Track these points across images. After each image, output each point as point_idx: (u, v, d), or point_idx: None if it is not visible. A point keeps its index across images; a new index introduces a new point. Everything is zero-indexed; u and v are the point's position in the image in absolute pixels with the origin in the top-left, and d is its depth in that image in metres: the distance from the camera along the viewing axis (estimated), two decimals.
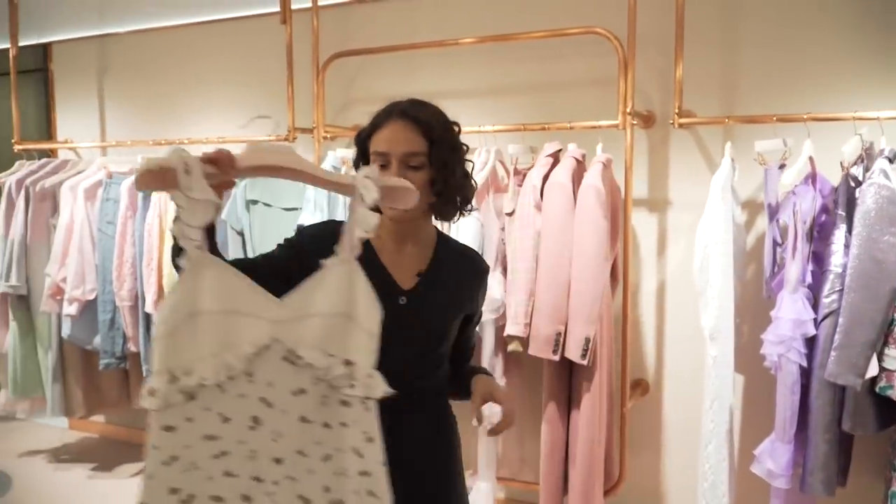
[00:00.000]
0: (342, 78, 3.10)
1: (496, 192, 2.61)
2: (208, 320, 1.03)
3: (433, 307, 1.40)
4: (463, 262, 1.49)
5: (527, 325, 2.38)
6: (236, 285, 1.07)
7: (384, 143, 1.31)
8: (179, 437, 1.04)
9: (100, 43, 3.80)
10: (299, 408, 1.09)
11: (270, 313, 1.07)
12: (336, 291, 1.10)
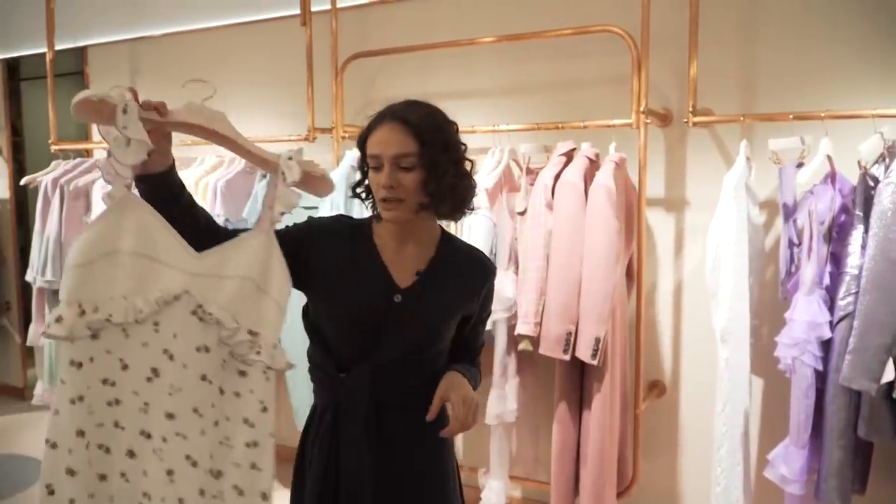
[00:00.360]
0: (362, 78, 3.13)
1: (510, 192, 2.61)
2: (124, 261, 1.05)
3: (428, 307, 1.41)
4: (466, 262, 1.49)
5: (537, 324, 2.38)
6: (158, 231, 1.09)
7: (376, 145, 1.33)
8: (84, 376, 1.05)
9: (132, 46, 3.90)
10: (201, 365, 1.09)
11: (186, 265, 1.09)
12: (253, 259, 1.13)
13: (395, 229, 1.41)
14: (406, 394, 1.40)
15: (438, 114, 1.39)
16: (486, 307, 1.54)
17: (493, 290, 1.54)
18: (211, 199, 3.06)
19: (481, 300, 1.50)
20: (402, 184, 1.31)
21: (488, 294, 1.53)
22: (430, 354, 1.44)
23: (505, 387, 2.56)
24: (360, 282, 1.40)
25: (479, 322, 1.54)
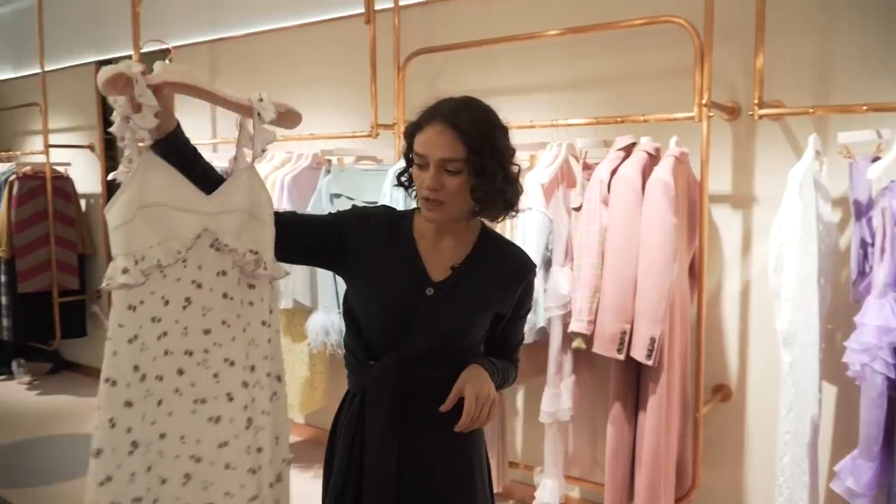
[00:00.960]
0: (425, 74, 3.16)
1: (569, 188, 2.57)
2: (155, 212, 1.20)
3: (459, 302, 1.41)
4: (503, 259, 1.48)
5: (591, 322, 2.33)
6: (175, 182, 1.22)
7: (424, 145, 1.33)
8: (137, 317, 1.19)
9: (211, 47, 4.07)
10: (222, 286, 1.29)
11: (201, 208, 1.25)
12: (247, 193, 1.30)
13: (434, 224, 1.42)
14: (432, 385, 1.40)
15: (490, 117, 1.36)
16: (525, 305, 1.53)
17: (532, 287, 1.52)
18: (278, 194, 3.15)
19: (517, 298, 1.48)
20: (446, 187, 1.32)
21: (526, 292, 1.51)
22: (459, 348, 1.43)
23: (560, 385, 2.53)
24: (394, 272, 1.42)
25: (515, 319, 1.52)
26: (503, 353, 1.53)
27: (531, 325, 2.46)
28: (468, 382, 1.36)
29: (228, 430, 1.27)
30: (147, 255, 1.18)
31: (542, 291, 2.48)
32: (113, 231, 1.17)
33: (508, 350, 1.55)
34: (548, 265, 2.53)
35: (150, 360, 1.20)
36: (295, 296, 3.19)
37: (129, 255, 1.16)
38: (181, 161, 1.25)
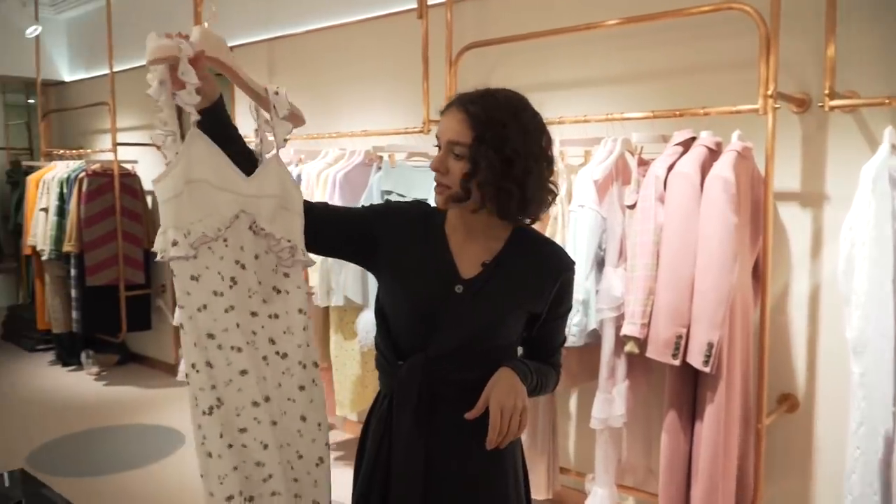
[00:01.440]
0: (479, 69, 3.09)
1: (624, 185, 2.47)
2: (200, 188, 1.20)
3: (489, 299, 1.35)
4: (538, 256, 1.41)
5: (644, 325, 2.23)
6: (217, 160, 1.23)
7: (438, 128, 1.34)
8: (201, 288, 1.21)
9: (268, 46, 4.11)
10: (258, 269, 1.29)
11: (240, 188, 1.25)
12: (277, 181, 1.30)
13: (465, 218, 1.37)
14: (462, 387, 1.34)
15: (512, 110, 1.30)
16: (562, 305, 1.45)
17: (570, 286, 1.45)
18: (330, 190, 3.15)
19: (553, 297, 1.40)
20: (449, 171, 1.30)
21: (563, 290, 1.43)
22: (490, 349, 1.37)
23: (612, 390, 2.43)
24: (424, 269, 1.37)
25: (553, 320, 1.44)
26: (542, 355, 1.46)
27: (582, 328, 2.37)
28: (494, 391, 1.28)
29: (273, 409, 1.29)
30: (192, 229, 1.19)
31: (594, 292, 2.39)
32: (163, 203, 1.20)
33: (548, 353, 1.47)
34: (600, 265, 2.44)
35: (222, 331, 1.22)
36: (346, 293, 3.18)
37: (178, 228, 1.18)
38: (224, 134, 1.26)
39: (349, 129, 3.40)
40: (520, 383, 1.31)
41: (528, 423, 2.77)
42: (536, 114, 1.33)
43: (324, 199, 3.14)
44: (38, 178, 5.07)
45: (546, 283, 1.40)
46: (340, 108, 3.79)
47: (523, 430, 1.31)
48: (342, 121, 3.73)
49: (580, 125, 2.63)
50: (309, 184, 3.27)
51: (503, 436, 1.26)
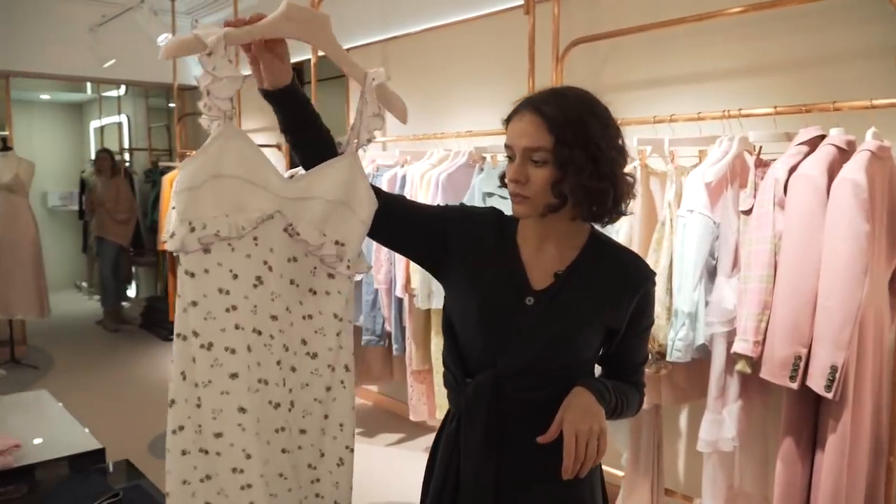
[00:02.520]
0: (589, 65, 2.96)
1: (742, 187, 2.26)
2: (227, 183, 1.16)
3: (561, 313, 1.26)
4: (614, 266, 1.31)
5: (757, 343, 2.03)
6: (254, 158, 1.19)
7: (510, 136, 1.24)
8: (198, 285, 1.17)
9: (383, 47, 4.16)
10: (291, 272, 1.24)
11: (278, 189, 1.20)
12: (342, 182, 1.23)
13: (537, 226, 1.29)
14: (534, 407, 1.25)
15: (586, 106, 1.23)
16: (643, 319, 1.33)
17: (651, 298, 1.33)
18: (433, 192, 3.13)
19: (633, 310, 1.29)
20: (530, 179, 1.20)
21: (644, 303, 1.31)
22: (564, 366, 1.27)
23: (722, 411, 2.24)
24: (494, 279, 1.29)
25: (632, 336, 1.32)
26: (623, 375, 1.35)
27: (688, 342, 2.20)
28: (568, 413, 1.19)
29: (286, 416, 1.25)
30: (209, 223, 1.14)
31: (704, 304, 2.21)
32: (176, 193, 1.16)
33: (629, 371, 1.36)
34: (711, 275, 2.25)
35: (217, 331, 1.17)
36: None
37: (183, 222, 1.15)
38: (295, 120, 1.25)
39: (455, 129, 3.35)
40: (596, 404, 1.21)
41: (631, 440, 2.62)
42: (607, 107, 1.24)
43: (427, 201, 3.13)
44: (172, 178, 5.41)
45: (624, 294, 1.29)
46: (447, 108, 3.76)
47: (602, 455, 1.20)
48: (448, 121, 3.69)
49: (694, 123, 2.45)
50: (413, 185, 3.27)
51: (580, 462, 1.16)
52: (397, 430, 3.98)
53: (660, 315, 2.26)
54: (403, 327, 3.42)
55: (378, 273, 3.43)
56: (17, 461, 2.21)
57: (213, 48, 1.12)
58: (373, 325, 3.59)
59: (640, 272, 1.31)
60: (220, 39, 1.12)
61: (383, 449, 3.79)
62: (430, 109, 3.86)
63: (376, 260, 3.42)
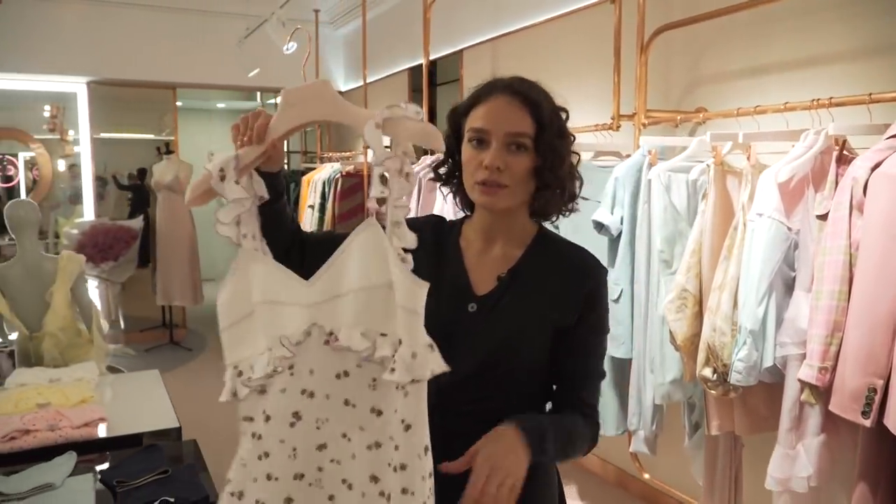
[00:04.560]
0: (676, 56, 2.72)
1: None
2: (259, 313, 1.04)
3: (505, 317, 1.17)
4: (561, 264, 1.21)
5: (825, 370, 1.74)
6: (274, 274, 1.05)
7: (484, 119, 1.15)
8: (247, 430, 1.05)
9: (493, 45, 4.10)
10: (344, 391, 1.01)
11: (304, 298, 1.02)
12: (364, 264, 0.99)
13: (483, 226, 1.22)
14: (480, 421, 1.13)
15: (550, 94, 1.20)
16: (593, 321, 1.20)
17: (600, 299, 1.20)
18: None
19: (581, 309, 1.17)
20: (510, 167, 1.13)
21: (592, 302, 1.19)
22: (510, 372, 1.17)
23: (796, 445, 1.94)
24: (437, 289, 1.20)
25: (581, 345, 1.19)
26: (571, 387, 1.21)
27: (749, 363, 1.94)
28: (487, 447, 1.05)
29: None
30: (255, 365, 1.03)
31: (772, 321, 1.94)
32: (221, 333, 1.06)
33: (577, 383, 1.21)
34: (790, 289, 1.97)
35: (250, 481, 1.04)
36: None
37: (229, 367, 1.05)
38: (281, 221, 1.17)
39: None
40: (522, 449, 1.07)
41: (706, 470, 2.36)
42: None
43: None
44: (310, 179, 5.72)
45: (570, 290, 1.18)
46: None
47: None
48: None
49: (781, 115, 2.15)
50: None
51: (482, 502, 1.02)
52: None
53: (724, 330, 2.01)
54: None
55: None
56: (100, 433, 2.45)
57: (225, 171, 1.05)
58: None
59: (588, 267, 1.21)
60: (230, 161, 1.05)
61: None
62: None
63: None
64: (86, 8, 5.51)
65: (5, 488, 2.02)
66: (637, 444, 2.54)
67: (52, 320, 3.23)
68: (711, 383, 2.06)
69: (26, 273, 3.24)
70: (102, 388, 2.91)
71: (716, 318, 2.04)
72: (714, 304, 2.06)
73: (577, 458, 1.21)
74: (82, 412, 2.51)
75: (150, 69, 5.77)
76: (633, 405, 2.52)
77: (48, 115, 6.40)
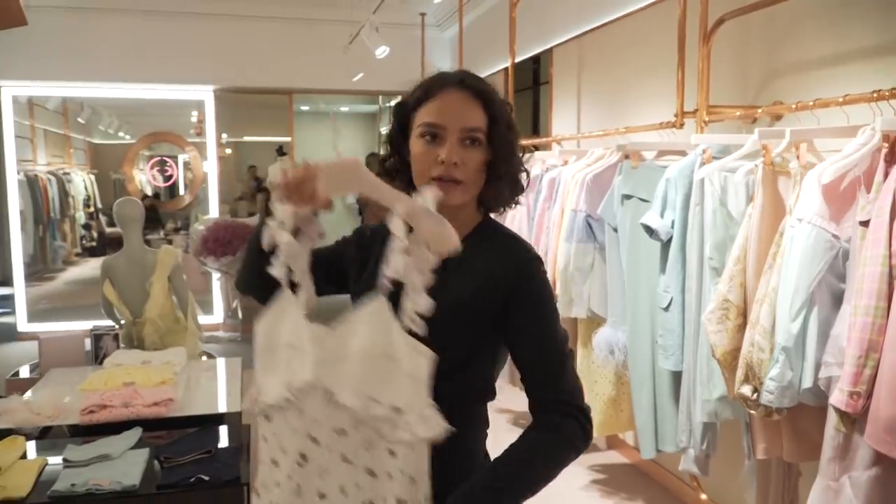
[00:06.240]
0: (764, 43, 2.51)
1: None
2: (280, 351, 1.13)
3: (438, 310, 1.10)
4: (493, 252, 1.18)
5: (857, 395, 1.54)
6: (300, 325, 1.11)
7: (438, 113, 1.15)
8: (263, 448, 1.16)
9: (578, 42, 3.99)
10: (341, 447, 1.06)
11: (315, 351, 1.07)
12: (369, 330, 1.04)
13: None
14: None
15: (494, 86, 1.22)
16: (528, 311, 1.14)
17: (536, 291, 1.15)
18: (577, 193, 2.93)
19: (508, 300, 1.14)
20: (465, 162, 1.14)
21: (529, 293, 1.14)
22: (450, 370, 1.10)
23: (840, 478, 1.74)
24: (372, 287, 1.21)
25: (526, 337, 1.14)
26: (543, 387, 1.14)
27: (783, 383, 1.76)
28: None
29: None
30: (266, 392, 1.11)
31: (810, 337, 1.75)
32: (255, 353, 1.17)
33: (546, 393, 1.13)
34: (837, 303, 1.77)
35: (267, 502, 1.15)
36: (591, 305, 2.94)
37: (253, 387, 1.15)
38: None
39: (612, 125, 3.10)
40: None
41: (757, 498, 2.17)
42: None
43: (572, 204, 2.95)
44: None
45: (496, 277, 1.15)
46: (625, 102, 3.48)
47: None
48: (631, 115, 3.41)
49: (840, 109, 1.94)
50: (566, 188, 3.10)
51: None
52: None
53: (762, 346, 1.84)
54: None
55: None
56: (168, 413, 2.65)
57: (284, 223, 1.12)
58: None
59: (515, 256, 1.18)
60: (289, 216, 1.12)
61: None
62: (616, 103, 3.61)
63: None
64: (211, 21, 5.96)
65: (71, 456, 2.24)
66: (687, 462, 2.38)
67: (151, 307, 3.54)
68: (751, 403, 1.90)
69: (130, 264, 3.57)
70: (185, 372, 3.15)
71: (754, 333, 1.87)
72: (755, 318, 1.89)
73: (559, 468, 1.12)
74: (156, 392, 2.73)
75: (268, 76, 6.15)
76: (682, 421, 2.36)
77: (195, 120, 6.99)
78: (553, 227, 3.15)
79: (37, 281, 6.76)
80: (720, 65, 2.62)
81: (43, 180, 6.83)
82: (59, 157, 7.21)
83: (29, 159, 6.68)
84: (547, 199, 3.27)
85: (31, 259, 6.66)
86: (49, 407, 2.55)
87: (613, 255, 2.76)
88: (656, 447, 2.62)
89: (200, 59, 6.06)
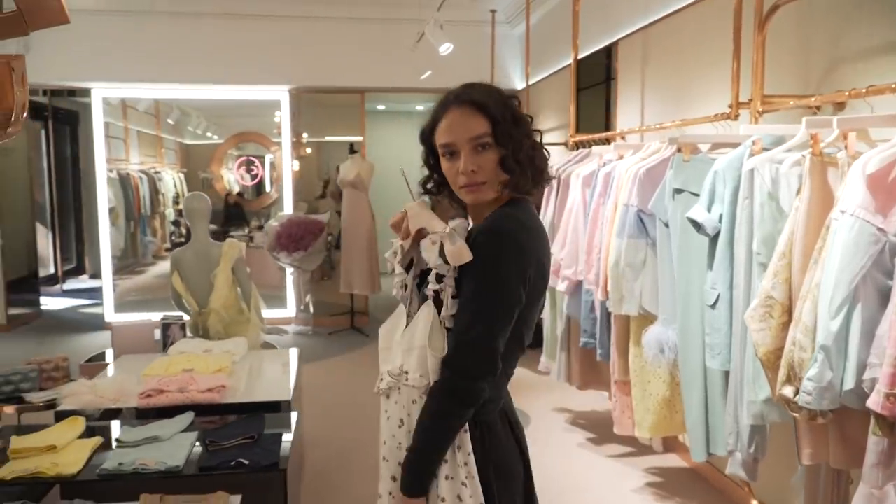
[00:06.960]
0: (824, 31, 2.38)
1: None
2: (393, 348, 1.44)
3: None
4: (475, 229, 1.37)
5: (893, 397, 1.44)
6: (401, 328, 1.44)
7: (447, 133, 1.34)
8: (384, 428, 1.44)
9: (643, 35, 3.88)
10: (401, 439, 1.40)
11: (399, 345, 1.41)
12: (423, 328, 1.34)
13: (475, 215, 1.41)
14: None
15: (494, 88, 1.38)
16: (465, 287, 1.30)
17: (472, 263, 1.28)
18: (629, 187, 2.86)
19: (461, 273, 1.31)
20: (481, 167, 1.32)
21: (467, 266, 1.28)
22: None
23: (885, 485, 1.63)
24: None
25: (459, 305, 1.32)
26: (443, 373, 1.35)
27: (821, 384, 1.66)
28: None
29: None
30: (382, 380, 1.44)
31: (853, 336, 1.64)
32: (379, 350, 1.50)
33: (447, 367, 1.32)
34: (885, 300, 1.65)
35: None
36: (642, 302, 2.86)
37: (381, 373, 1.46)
38: None
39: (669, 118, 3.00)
40: None
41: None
42: None
43: (623, 198, 2.88)
44: None
45: None
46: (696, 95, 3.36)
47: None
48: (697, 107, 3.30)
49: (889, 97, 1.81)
50: (620, 181, 3.02)
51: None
52: (627, 444, 3.70)
53: (804, 345, 1.75)
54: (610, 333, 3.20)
55: (588, 273, 3.26)
56: (221, 399, 2.76)
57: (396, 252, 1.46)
58: (591, 328, 3.42)
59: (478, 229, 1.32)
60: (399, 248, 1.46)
61: (603, 459, 3.58)
62: (678, 97, 3.50)
63: (587, 260, 3.26)
64: (285, 23, 6.15)
65: (124, 437, 2.37)
66: (734, 466, 2.28)
67: (216, 299, 3.69)
68: (793, 405, 1.80)
69: (197, 257, 3.74)
70: (245, 362, 3.27)
71: (797, 331, 1.77)
72: (798, 315, 1.79)
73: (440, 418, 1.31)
74: (212, 379, 2.85)
75: (340, 76, 6.30)
76: (729, 423, 2.27)
77: (277, 120, 7.24)
78: (606, 222, 3.08)
79: (128, 274, 7.16)
80: (781, 53, 2.51)
81: (135, 178, 7.23)
82: (152, 157, 7.62)
83: (122, 158, 7.09)
84: (602, 195, 3.20)
85: (123, 253, 7.07)
86: (112, 390, 2.71)
87: (665, 250, 2.68)
88: (707, 450, 2.53)
89: (276, 60, 6.27)
